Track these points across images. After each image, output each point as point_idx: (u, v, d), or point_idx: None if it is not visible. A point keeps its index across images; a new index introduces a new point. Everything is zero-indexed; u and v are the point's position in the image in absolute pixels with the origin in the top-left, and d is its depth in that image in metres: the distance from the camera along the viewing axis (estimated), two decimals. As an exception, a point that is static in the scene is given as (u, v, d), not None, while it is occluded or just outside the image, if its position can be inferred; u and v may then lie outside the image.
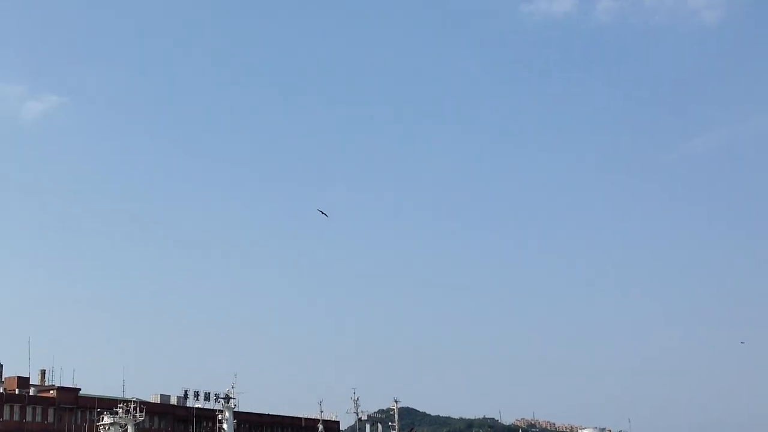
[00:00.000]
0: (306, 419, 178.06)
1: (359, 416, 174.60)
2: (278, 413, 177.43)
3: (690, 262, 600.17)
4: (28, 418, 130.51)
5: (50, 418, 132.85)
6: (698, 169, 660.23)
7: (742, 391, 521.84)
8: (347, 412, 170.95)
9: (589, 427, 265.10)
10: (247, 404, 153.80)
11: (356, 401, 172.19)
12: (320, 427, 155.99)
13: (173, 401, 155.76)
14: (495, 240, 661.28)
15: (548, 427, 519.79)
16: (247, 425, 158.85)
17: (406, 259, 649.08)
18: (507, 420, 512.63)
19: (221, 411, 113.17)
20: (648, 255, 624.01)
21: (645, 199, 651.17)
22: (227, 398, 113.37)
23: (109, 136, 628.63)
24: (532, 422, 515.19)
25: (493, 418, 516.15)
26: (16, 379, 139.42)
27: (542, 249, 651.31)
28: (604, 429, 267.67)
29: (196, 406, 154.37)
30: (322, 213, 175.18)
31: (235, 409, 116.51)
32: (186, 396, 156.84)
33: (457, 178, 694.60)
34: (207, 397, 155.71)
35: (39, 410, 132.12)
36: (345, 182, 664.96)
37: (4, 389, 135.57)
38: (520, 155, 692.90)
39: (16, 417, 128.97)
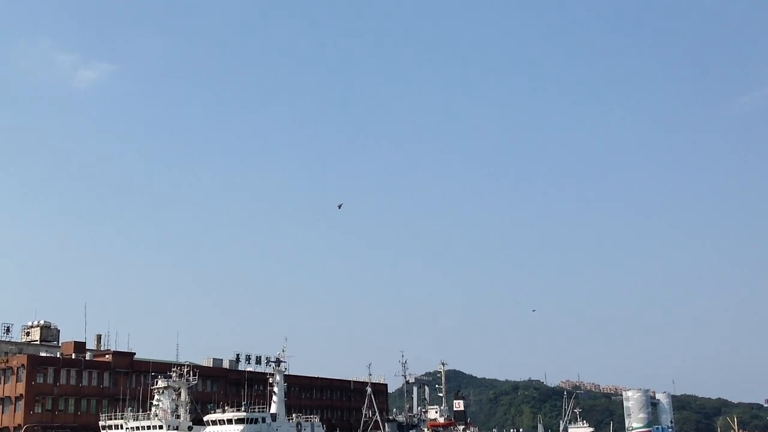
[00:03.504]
0: (355, 382, 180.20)
1: (407, 379, 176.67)
2: (328, 376, 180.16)
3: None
4: (85, 382, 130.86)
5: (106, 382, 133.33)
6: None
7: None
8: (395, 375, 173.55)
9: (633, 389, 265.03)
10: (298, 368, 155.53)
11: (404, 364, 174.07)
12: (369, 389, 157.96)
13: (225, 365, 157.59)
14: (543, 199, 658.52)
15: (593, 389, 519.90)
16: (297, 388, 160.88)
17: (450, 222, 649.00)
18: (552, 382, 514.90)
19: (272, 374, 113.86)
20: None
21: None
22: (278, 362, 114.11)
23: (160, 103, 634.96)
24: (577, 384, 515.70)
25: (539, 381, 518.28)
26: (72, 344, 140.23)
27: (582, 209, 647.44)
28: (648, 390, 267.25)
29: (248, 369, 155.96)
30: (339, 207, 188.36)
31: (286, 373, 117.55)
32: (238, 360, 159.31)
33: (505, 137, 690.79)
34: (258, 361, 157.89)
35: (95, 374, 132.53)
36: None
37: (62, 354, 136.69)
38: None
39: (72, 381, 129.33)
